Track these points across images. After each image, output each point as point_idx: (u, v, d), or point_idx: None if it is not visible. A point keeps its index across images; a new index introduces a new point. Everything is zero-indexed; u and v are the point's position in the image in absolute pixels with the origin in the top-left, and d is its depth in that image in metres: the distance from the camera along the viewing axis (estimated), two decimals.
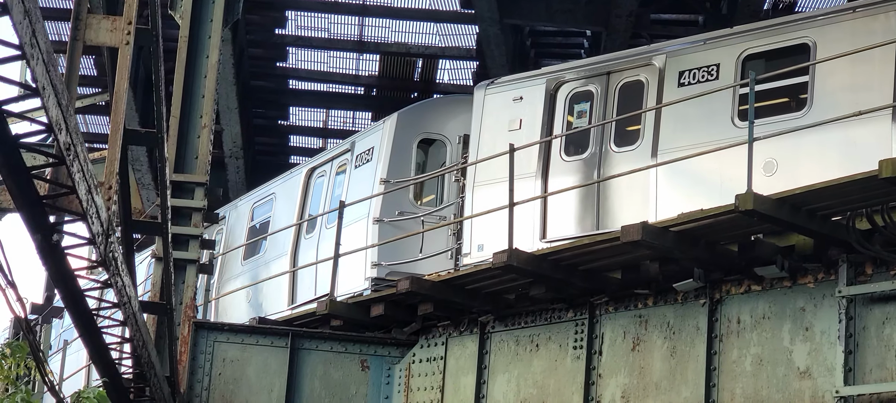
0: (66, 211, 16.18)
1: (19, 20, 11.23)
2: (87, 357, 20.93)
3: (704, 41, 22.59)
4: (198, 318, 22.49)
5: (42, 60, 11.98)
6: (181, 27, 23.13)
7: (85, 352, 20.93)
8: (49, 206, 15.01)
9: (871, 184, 17.11)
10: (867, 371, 18.06)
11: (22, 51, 11.50)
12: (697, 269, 19.48)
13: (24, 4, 11.33)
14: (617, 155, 22.21)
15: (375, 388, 22.06)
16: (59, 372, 28.02)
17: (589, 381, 20.32)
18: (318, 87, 37.88)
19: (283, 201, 28.20)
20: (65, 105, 12.99)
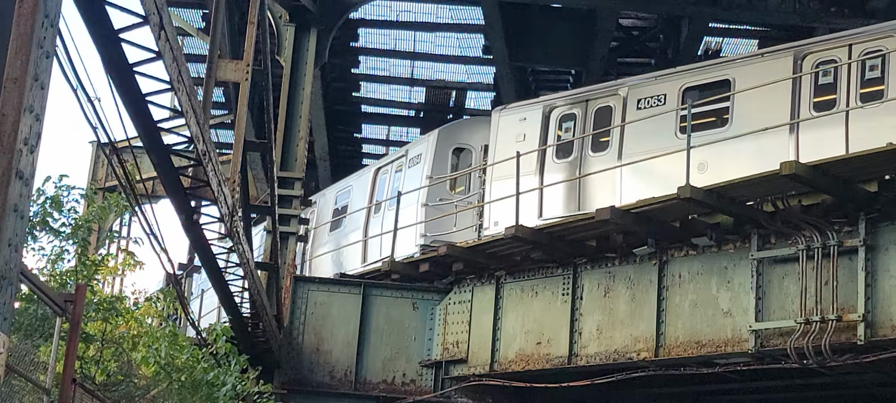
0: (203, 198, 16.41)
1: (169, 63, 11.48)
2: (217, 302, 21.05)
3: (656, 77, 22.71)
4: (296, 274, 22.62)
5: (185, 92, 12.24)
6: (285, 68, 23.24)
7: (216, 298, 21.07)
8: (190, 195, 15.27)
9: (774, 179, 17.23)
10: (771, 312, 18.18)
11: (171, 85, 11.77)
12: (650, 239, 19.59)
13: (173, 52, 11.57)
14: (593, 158, 22.27)
15: (422, 322, 22.25)
16: (198, 312, 28.17)
17: (573, 318, 20.48)
18: (382, 111, 37.76)
19: (357, 191, 28.28)
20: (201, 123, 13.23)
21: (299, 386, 21.43)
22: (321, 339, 22.03)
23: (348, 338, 22.00)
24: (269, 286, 20.84)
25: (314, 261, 28.19)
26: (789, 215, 17.99)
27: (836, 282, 17.44)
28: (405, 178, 26.03)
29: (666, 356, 19.36)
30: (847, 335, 17.19)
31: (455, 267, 22.12)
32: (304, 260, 27.71)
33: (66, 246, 16.46)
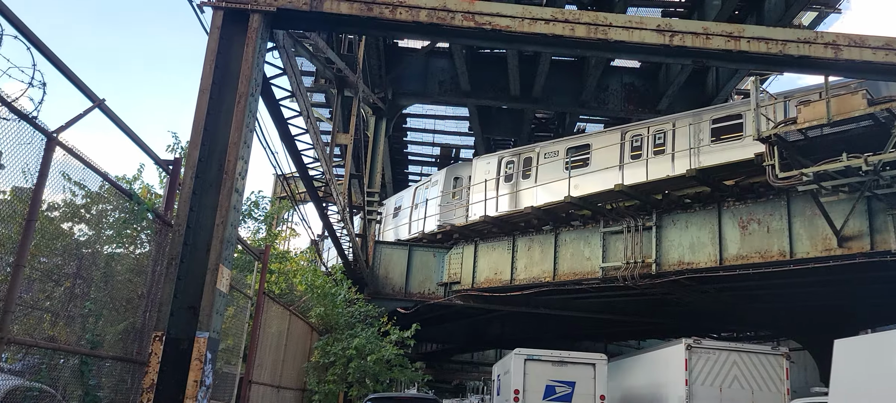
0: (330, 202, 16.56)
1: (311, 134, 11.59)
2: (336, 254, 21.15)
3: (553, 142, 22.70)
4: (376, 239, 22.80)
5: (321, 149, 12.38)
6: (370, 137, 23.47)
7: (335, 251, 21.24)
8: (322, 200, 15.44)
9: (611, 192, 17.21)
10: (610, 258, 18.15)
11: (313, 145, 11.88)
12: (551, 222, 19.53)
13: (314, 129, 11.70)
14: (523, 182, 22.29)
15: (438, 264, 22.23)
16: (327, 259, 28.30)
17: (513, 261, 20.42)
18: (418, 158, 37.95)
19: (406, 198, 28.32)
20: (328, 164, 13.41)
21: (377, 295, 21.52)
22: (388, 272, 22.08)
23: (401, 271, 22.05)
24: (363, 246, 21.00)
25: (385, 233, 28.34)
26: (618, 211, 17.99)
27: (641, 243, 17.49)
28: (430, 192, 26.16)
29: (558, 279, 19.24)
30: (647, 269, 17.21)
31: (454, 236, 22.13)
32: (379, 233, 27.90)
33: (261, 226, 16.69)
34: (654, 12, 23.75)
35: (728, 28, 7.47)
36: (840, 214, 14.10)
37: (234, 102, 7.17)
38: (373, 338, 15.93)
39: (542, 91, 26.40)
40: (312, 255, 19.25)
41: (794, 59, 7.50)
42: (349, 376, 15.17)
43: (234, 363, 10.56)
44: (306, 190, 13.89)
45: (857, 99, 12.10)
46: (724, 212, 16.24)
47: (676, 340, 17.34)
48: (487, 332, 30.56)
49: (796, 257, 14.88)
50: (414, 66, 26.58)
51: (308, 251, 19.22)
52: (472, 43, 7.79)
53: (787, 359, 16.56)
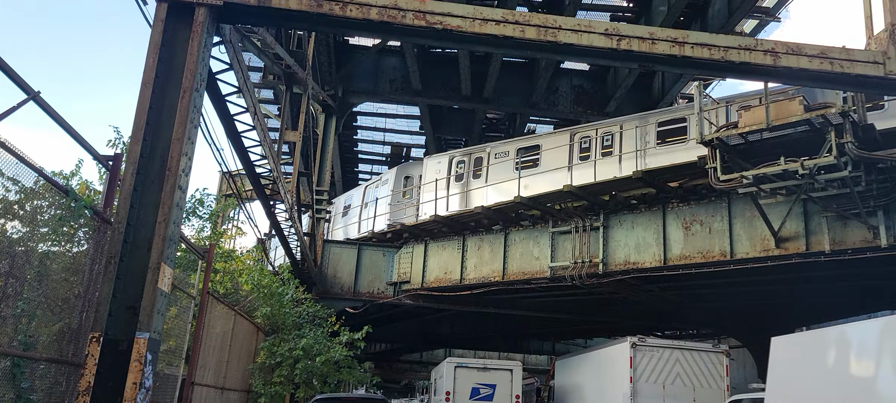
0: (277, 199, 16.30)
1: (259, 131, 11.42)
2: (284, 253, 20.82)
3: (504, 142, 22.83)
4: (325, 238, 22.52)
5: (268, 146, 12.20)
6: (320, 133, 23.20)
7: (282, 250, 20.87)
8: (270, 198, 15.20)
9: (560, 192, 17.45)
10: (558, 257, 18.41)
11: (260, 142, 11.71)
12: (501, 222, 19.67)
13: (261, 126, 11.52)
14: (473, 182, 22.38)
15: (388, 263, 22.09)
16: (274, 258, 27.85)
17: (463, 260, 20.45)
18: (368, 157, 37.68)
19: (356, 196, 28.07)
20: (276, 162, 13.21)
21: (326, 294, 21.24)
22: (336, 271, 21.80)
23: (350, 270, 21.81)
24: (311, 245, 20.75)
25: (334, 232, 28.03)
26: (567, 211, 18.24)
27: (589, 243, 17.78)
28: (380, 190, 26.01)
29: (507, 279, 19.33)
30: (594, 269, 17.48)
31: (405, 235, 22.03)
32: (328, 232, 27.56)
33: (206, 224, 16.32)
34: (603, 16, 24.20)
35: (673, 34, 7.69)
36: (778, 216, 14.65)
37: (177, 97, 7.00)
38: (321, 339, 15.77)
39: (493, 91, 26.59)
40: (259, 254, 18.89)
41: (736, 65, 7.76)
42: (296, 377, 14.99)
43: (176, 364, 10.31)
44: (253, 187, 13.66)
45: (794, 105, 12.60)
46: (668, 213, 16.66)
47: (622, 338, 17.73)
48: (437, 332, 30.62)
49: (736, 257, 15.38)
50: (365, 64, 26.41)
51: (254, 250, 18.86)
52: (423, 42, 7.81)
53: (727, 356, 17.14)
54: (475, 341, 35.14)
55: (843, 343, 10.61)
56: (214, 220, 16.64)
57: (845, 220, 13.96)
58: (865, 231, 13.69)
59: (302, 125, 15.21)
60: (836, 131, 12.01)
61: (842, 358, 10.54)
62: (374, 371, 42.33)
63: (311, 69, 15.01)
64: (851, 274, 16.86)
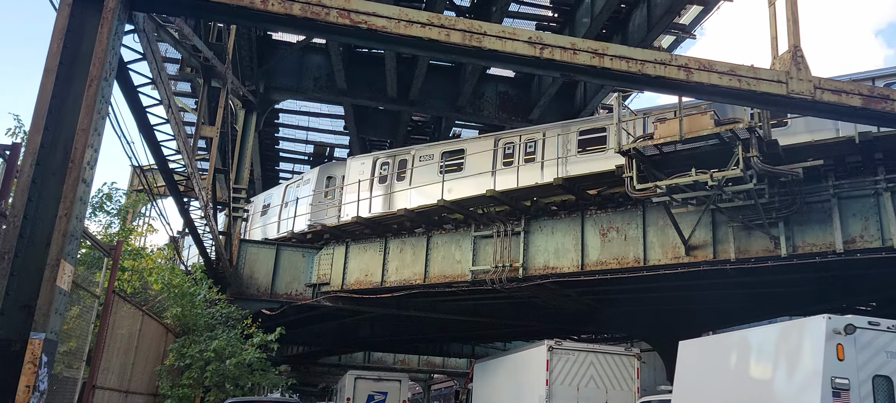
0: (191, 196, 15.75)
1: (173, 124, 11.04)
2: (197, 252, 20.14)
3: (429, 145, 22.92)
4: (241, 237, 21.90)
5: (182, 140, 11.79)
6: (239, 129, 22.58)
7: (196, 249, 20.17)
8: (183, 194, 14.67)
9: (483, 197, 17.63)
10: (480, 261, 18.56)
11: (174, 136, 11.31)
12: (423, 225, 19.69)
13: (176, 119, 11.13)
14: (397, 184, 22.34)
15: (307, 264, 21.74)
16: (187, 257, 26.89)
17: (384, 263, 20.35)
18: (290, 155, 36.92)
19: (276, 195, 27.51)
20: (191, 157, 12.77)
21: (241, 295, 20.65)
22: (253, 271, 21.22)
23: (268, 271, 21.30)
24: (227, 244, 20.14)
25: (252, 232, 27.32)
26: (490, 215, 18.45)
27: (510, 248, 18.06)
28: (301, 190, 25.55)
29: (429, 282, 19.35)
30: (514, 273, 17.70)
31: (325, 236, 21.73)
32: (246, 231, 26.83)
33: (114, 220, 15.62)
34: (529, 25, 24.69)
35: (593, 45, 7.93)
36: (688, 225, 15.34)
37: (84, 86, 6.65)
38: (234, 341, 15.34)
39: (419, 94, 26.63)
40: (171, 253, 18.18)
41: (652, 78, 8.08)
42: (206, 380, 14.51)
43: (76, 367, 9.79)
44: (166, 183, 13.13)
45: (705, 119, 13.22)
46: (586, 220, 17.14)
47: (539, 342, 18.09)
48: (356, 334, 30.36)
49: (649, 264, 15.99)
50: (288, 61, 25.91)
51: (166, 248, 18.14)
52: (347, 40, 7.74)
53: (638, 359, 17.79)
54: (395, 344, 35.06)
55: (745, 346, 11.23)
56: (123, 216, 15.93)
57: (750, 231, 14.76)
58: (767, 241, 14.52)
59: (220, 120, 14.73)
60: (743, 145, 12.68)
61: (743, 361, 11.15)
62: (291, 374, 41.52)
63: (231, 63, 14.58)
64: (754, 282, 17.84)
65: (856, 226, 13.76)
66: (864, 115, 8.39)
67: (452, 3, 23.33)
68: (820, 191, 14.09)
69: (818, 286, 18.24)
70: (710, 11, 22.94)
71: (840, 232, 13.76)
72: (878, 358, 9.42)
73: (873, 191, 13.69)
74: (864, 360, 9.37)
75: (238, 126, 22.20)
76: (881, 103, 8.27)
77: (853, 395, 9.13)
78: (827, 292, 18.46)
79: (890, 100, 8.35)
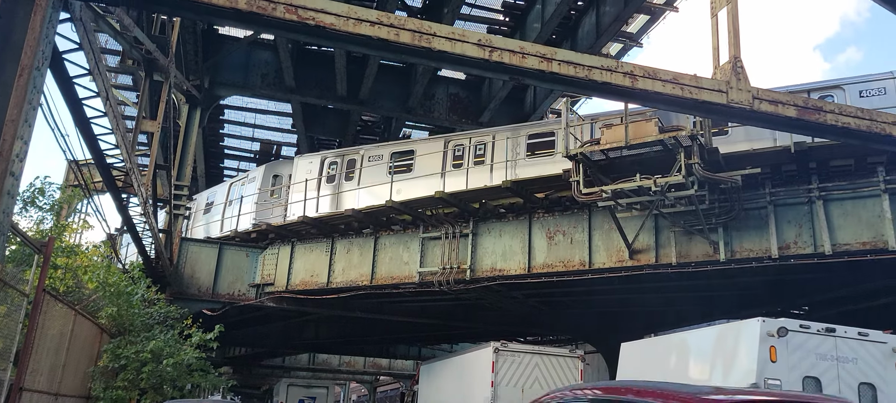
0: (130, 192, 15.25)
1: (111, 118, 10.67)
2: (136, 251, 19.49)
3: (378, 146, 22.78)
4: (183, 236, 21.31)
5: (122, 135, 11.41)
6: (182, 124, 21.99)
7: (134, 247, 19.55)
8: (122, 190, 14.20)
9: (432, 198, 17.69)
10: (427, 263, 18.58)
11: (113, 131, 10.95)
12: (371, 225, 19.60)
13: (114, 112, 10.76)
14: (345, 184, 22.13)
15: (251, 264, 21.35)
16: (125, 256, 26.04)
17: (331, 263, 20.17)
18: (236, 153, 36.12)
19: (220, 192, 26.87)
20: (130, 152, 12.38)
21: (181, 295, 20.11)
22: (194, 271, 20.69)
23: (210, 270, 20.79)
24: (167, 242, 19.58)
25: (194, 230, 26.63)
26: (438, 217, 18.49)
27: (458, 250, 18.15)
28: (246, 188, 25.05)
29: (376, 283, 19.29)
30: (462, 275, 17.83)
31: (270, 235, 21.39)
32: (188, 229, 26.11)
33: (46, 216, 15.01)
34: (481, 28, 24.81)
35: (542, 50, 8.01)
36: (632, 229, 15.69)
37: (14, 75, 6.35)
38: (172, 341, 14.91)
39: (369, 93, 26.46)
40: (108, 251, 17.56)
41: (598, 84, 8.20)
42: (142, 382, 14.06)
43: (3, 368, 9.35)
44: (103, 179, 12.67)
45: (650, 126, 13.56)
46: (534, 223, 17.35)
47: (486, 344, 18.22)
48: (301, 335, 29.93)
49: (594, 267, 16.29)
50: (235, 56, 25.39)
51: (103, 246, 17.51)
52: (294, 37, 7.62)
53: (582, 361, 18.09)
54: (341, 345, 34.72)
55: (684, 348, 11.56)
56: (57, 212, 15.32)
57: (690, 236, 15.19)
58: (707, 246, 14.97)
59: (162, 115, 14.30)
60: (685, 152, 13.05)
61: (682, 362, 11.47)
62: (233, 375, 40.64)
63: (174, 56, 14.17)
64: (694, 285, 18.39)
65: (790, 233, 14.32)
66: (799, 126, 8.71)
67: (404, 4, 23.27)
68: (757, 199, 14.61)
69: (754, 290, 18.92)
70: (656, 21, 23.52)
71: (775, 239, 14.29)
72: (808, 360, 9.82)
73: (807, 199, 14.27)
74: (795, 361, 9.74)
75: (181, 121, 21.63)
76: (815, 115, 8.61)
77: None
78: (763, 296, 19.15)
79: (823, 112, 8.70)
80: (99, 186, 20.20)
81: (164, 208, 19.78)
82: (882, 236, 13.46)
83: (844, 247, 13.79)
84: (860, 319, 14.21)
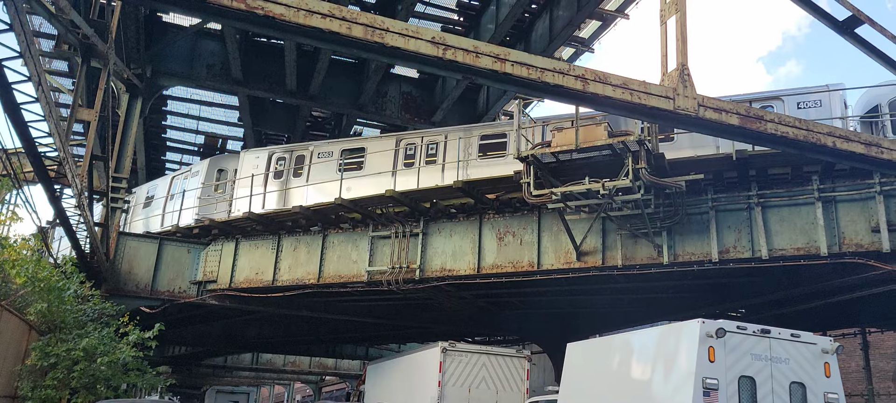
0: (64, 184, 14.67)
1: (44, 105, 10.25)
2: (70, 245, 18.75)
3: (328, 142, 22.55)
4: (120, 230, 20.59)
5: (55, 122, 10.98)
6: (122, 114, 21.29)
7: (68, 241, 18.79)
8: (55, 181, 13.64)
9: (382, 197, 17.55)
10: (376, 262, 18.38)
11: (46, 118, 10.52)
12: (319, 223, 19.36)
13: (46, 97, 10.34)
14: (293, 180, 21.84)
15: (193, 261, 20.75)
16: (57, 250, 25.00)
17: (277, 261, 19.81)
18: (179, 145, 35.15)
19: (161, 186, 26.09)
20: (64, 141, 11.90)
21: (118, 291, 19.38)
22: (132, 267, 19.99)
23: (149, 266, 20.12)
24: (103, 236, 18.91)
25: (132, 224, 25.80)
26: (388, 216, 18.39)
27: (408, 249, 18.08)
28: (189, 182, 24.41)
29: (323, 281, 19.04)
30: (411, 275, 17.74)
31: (214, 231, 20.86)
32: (126, 223, 25.26)
33: None
34: (435, 27, 24.84)
35: (496, 50, 8.05)
36: (580, 232, 15.94)
37: None
38: (107, 339, 14.40)
39: (320, 89, 26.16)
40: (38, 244, 16.83)
41: (551, 86, 8.29)
42: (73, 381, 13.53)
43: None
44: (33, 169, 12.14)
45: (599, 130, 13.79)
46: (484, 224, 17.44)
47: (434, 343, 18.23)
48: (244, 335, 29.38)
49: (543, 268, 16.47)
50: (180, 45, 24.73)
51: (33, 239, 16.76)
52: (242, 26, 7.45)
53: (529, 361, 18.30)
54: (285, 345, 34.23)
55: (627, 348, 11.80)
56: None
57: (636, 239, 15.52)
58: (652, 249, 15.33)
59: (99, 103, 13.78)
60: (633, 157, 13.32)
61: (625, 362, 11.72)
62: (172, 375, 39.61)
63: (114, 43, 13.70)
64: (639, 287, 18.82)
65: (730, 238, 14.78)
66: (741, 134, 9.00)
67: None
68: (700, 204, 15.03)
69: (696, 292, 19.48)
70: (607, 27, 23.97)
71: (716, 243, 14.73)
72: (744, 360, 10.17)
73: (746, 205, 14.76)
74: (732, 362, 10.08)
75: (121, 111, 20.94)
76: (756, 123, 8.90)
77: (721, 394, 9.80)
78: (704, 298, 19.73)
79: (764, 121, 9.01)
80: (30, 177, 19.36)
81: (100, 201, 19.08)
82: (815, 242, 14.02)
83: (780, 253, 14.30)
84: (794, 321, 14.91)
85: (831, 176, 14.26)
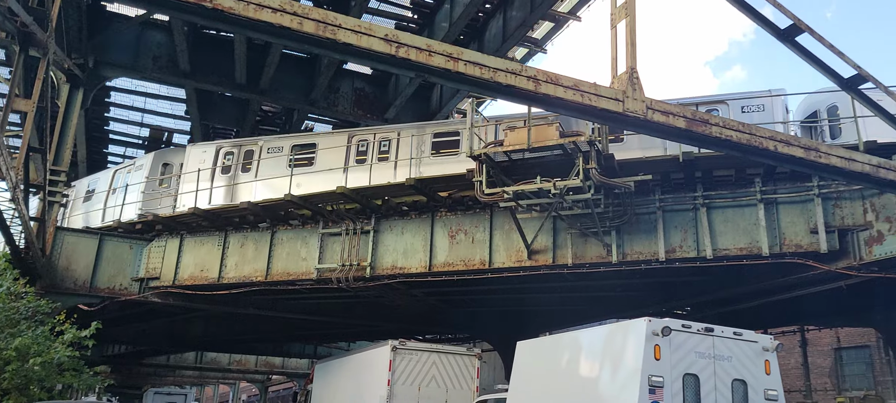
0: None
1: None
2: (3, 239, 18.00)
3: (279, 137, 22.14)
4: (58, 225, 19.88)
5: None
6: (62, 105, 20.55)
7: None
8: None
9: (333, 193, 17.42)
10: (326, 259, 18.16)
11: None
12: (268, 220, 19.08)
13: None
14: (242, 175, 21.44)
15: (135, 257, 20.15)
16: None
17: (223, 258, 19.41)
18: (122, 138, 34.12)
19: (103, 180, 25.24)
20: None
21: (54, 288, 18.67)
22: (71, 263, 19.31)
23: (88, 263, 19.46)
24: (40, 231, 18.22)
25: (71, 219, 24.93)
26: (339, 213, 18.24)
27: (358, 246, 17.97)
28: (133, 176, 23.72)
29: (271, 279, 18.75)
30: (362, 272, 17.64)
31: (157, 227, 20.32)
32: (65, 218, 24.38)
33: None
34: (389, 24, 24.75)
35: (449, 49, 8.09)
36: (531, 230, 16.13)
37: None
38: (41, 339, 13.88)
39: (270, 83, 25.78)
40: None
41: (503, 86, 8.38)
42: (5, 382, 13.01)
43: None
44: None
45: (551, 130, 13.98)
46: (436, 222, 17.47)
47: (383, 342, 18.18)
48: (188, 333, 28.73)
49: (494, 266, 16.62)
50: (125, 36, 24.02)
51: None
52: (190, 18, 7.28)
53: (479, 359, 18.43)
54: (231, 344, 33.65)
55: (576, 346, 12.02)
56: None
57: (586, 238, 15.80)
58: (601, 248, 15.63)
59: (37, 93, 13.29)
60: (583, 157, 13.55)
61: (573, 360, 11.92)
62: (111, 375, 38.44)
63: (54, 31, 13.22)
64: (589, 286, 19.15)
65: (676, 237, 15.19)
66: (688, 136, 9.26)
67: None
68: (648, 204, 15.40)
69: (643, 290, 19.94)
70: (560, 29, 24.33)
71: (663, 243, 15.12)
72: (689, 358, 10.48)
73: (692, 206, 15.19)
74: (676, 359, 10.37)
75: (60, 102, 20.20)
76: (701, 126, 9.18)
77: (666, 392, 10.07)
78: (651, 296, 20.20)
79: (709, 125, 9.30)
80: None
81: (37, 194, 18.38)
82: (757, 243, 14.52)
83: (724, 252, 14.76)
84: (736, 319, 15.43)
85: (773, 178, 14.77)
